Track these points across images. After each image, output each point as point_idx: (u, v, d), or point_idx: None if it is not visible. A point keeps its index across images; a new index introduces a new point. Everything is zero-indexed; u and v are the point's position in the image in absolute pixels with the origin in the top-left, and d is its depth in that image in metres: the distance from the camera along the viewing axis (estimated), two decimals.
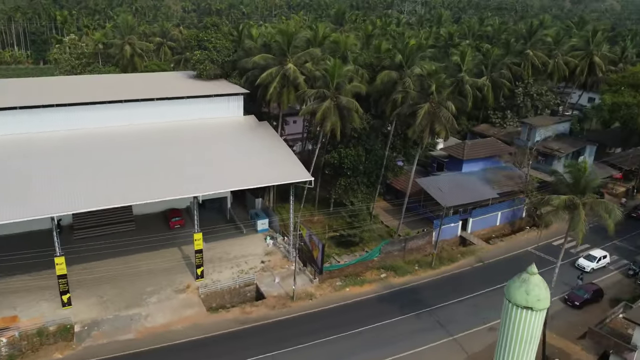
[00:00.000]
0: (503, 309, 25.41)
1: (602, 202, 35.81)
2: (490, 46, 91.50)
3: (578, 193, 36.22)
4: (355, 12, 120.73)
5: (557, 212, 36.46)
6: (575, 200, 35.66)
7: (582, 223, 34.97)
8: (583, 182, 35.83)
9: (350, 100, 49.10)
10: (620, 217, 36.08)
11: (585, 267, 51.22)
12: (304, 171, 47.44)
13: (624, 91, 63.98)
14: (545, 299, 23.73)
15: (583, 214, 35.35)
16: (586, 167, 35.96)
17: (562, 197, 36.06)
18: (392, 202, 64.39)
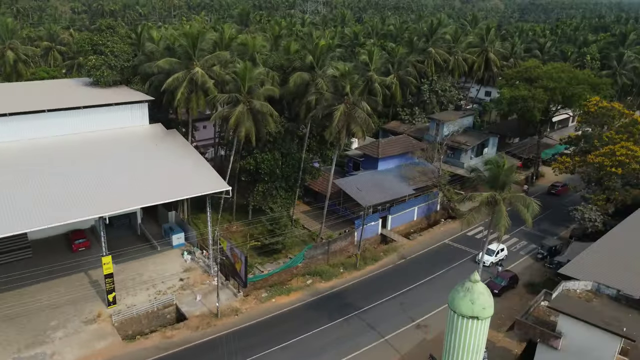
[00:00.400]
0: (447, 320, 24.62)
1: (521, 197, 37.24)
2: (394, 45, 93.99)
3: (498, 188, 37.42)
4: (260, 12, 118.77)
5: (480, 209, 37.25)
6: (497, 197, 36.75)
7: (504, 218, 36.02)
8: (502, 178, 37.01)
9: (263, 104, 47.41)
10: (537, 210, 37.63)
11: (484, 262, 50.33)
12: (219, 180, 45.02)
13: (520, 85, 68.04)
14: (490, 306, 23.14)
15: (504, 210, 36.52)
16: (505, 162, 37.15)
17: (484, 194, 37.00)
18: (312, 205, 63.64)
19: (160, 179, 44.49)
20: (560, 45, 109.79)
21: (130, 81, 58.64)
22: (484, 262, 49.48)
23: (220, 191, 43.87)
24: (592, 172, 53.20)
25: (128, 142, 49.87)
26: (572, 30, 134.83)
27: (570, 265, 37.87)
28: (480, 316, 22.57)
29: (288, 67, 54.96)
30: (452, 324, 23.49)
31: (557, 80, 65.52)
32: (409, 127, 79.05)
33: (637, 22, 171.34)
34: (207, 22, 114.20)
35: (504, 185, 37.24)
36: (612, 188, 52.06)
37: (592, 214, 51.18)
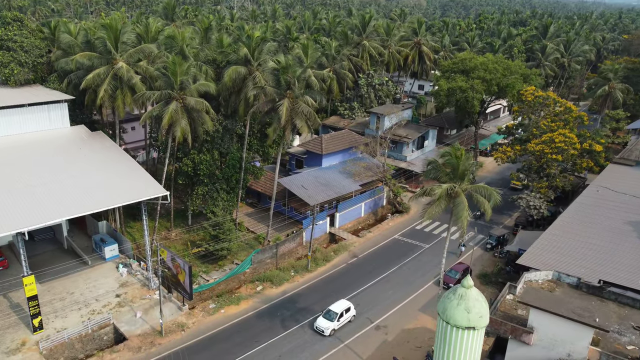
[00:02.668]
0: (438, 331, 22.16)
1: (482, 187, 36.17)
2: (328, 39, 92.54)
3: (457, 179, 36.18)
4: (186, 7, 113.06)
5: (439, 202, 35.75)
6: (457, 188, 35.54)
7: (465, 211, 34.77)
8: (462, 168, 35.80)
9: (198, 101, 43.77)
10: (499, 201, 36.77)
11: (323, 330, 39.04)
12: (155, 185, 40.99)
13: (457, 76, 68.39)
14: (487, 314, 20.89)
15: (465, 201, 35.31)
16: (463, 152, 35.97)
17: (444, 186, 35.62)
18: (256, 206, 60.56)
19: (87, 186, 39.79)
20: (485, 38, 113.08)
21: (45, 79, 52.78)
22: (322, 331, 38.91)
23: (156, 197, 39.90)
24: (534, 160, 53.98)
25: (47, 147, 44.52)
26: (495, 24, 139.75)
27: (527, 256, 37.54)
28: (477, 326, 20.12)
29: (222, 61, 51.44)
30: (445, 336, 20.89)
31: (493, 72, 66.42)
32: (349, 122, 77.70)
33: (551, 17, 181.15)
34: (129, 19, 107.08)
35: (463, 175, 36.10)
36: (552, 175, 53.05)
37: (536, 202, 51.90)
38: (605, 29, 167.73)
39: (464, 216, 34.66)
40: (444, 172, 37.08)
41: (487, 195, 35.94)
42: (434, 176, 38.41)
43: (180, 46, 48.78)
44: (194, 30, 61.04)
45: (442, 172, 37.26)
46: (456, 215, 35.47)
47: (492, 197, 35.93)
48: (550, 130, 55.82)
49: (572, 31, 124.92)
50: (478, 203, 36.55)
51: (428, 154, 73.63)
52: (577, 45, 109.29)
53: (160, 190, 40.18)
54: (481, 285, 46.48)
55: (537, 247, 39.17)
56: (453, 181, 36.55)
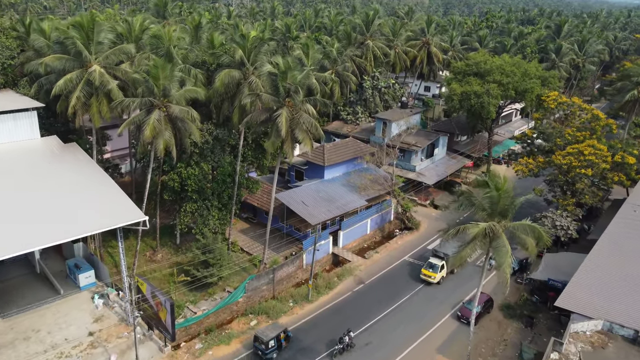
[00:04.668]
0: None
1: (530, 226, 30.08)
2: (330, 38, 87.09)
3: (497, 216, 30.01)
4: (180, 4, 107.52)
5: (474, 244, 29.69)
6: (496, 228, 29.18)
7: (509, 257, 28.57)
8: (503, 203, 29.81)
9: (184, 109, 38.30)
10: (549, 243, 30.60)
11: None
12: (132, 208, 35.53)
13: (471, 79, 62.93)
14: None
15: (508, 246, 29.00)
16: (505, 182, 30.27)
17: (481, 226, 29.33)
18: (251, 221, 55.24)
19: (55, 210, 34.37)
20: (495, 37, 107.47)
21: (16, 83, 47.43)
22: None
23: (134, 222, 34.45)
24: (560, 174, 48.47)
25: (11, 163, 39.06)
26: (504, 22, 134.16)
27: (567, 297, 31.98)
28: None
29: (213, 64, 46.02)
30: None
31: (510, 75, 60.96)
32: (353, 127, 72.28)
33: (559, 15, 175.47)
34: (122, 15, 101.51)
35: (505, 211, 30.06)
36: (581, 191, 47.58)
37: (564, 221, 46.43)
38: (616, 27, 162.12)
39: (506, 263, 28.38)
40: (480, 207, 30.94)
41: (534, 235, 29.51)
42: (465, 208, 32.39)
43: (167, 47, 43.25)
44: (184, 29, 55.53)
45: (478, 207, 31.13)
46: (497, 262, 29.21)
47: (540, 238, 29.57)
48: (576, 141, 50.39)
49: (585, 30, 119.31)
50: (520, 244, 30.24)
51: (438, 162, 68.23)
52: (591, 45, 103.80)
53: (138, 215, 34.72)
54: (504, 319, 41.09)
55: (576, 284, 33.60)
56: (491, 217, 30.31)
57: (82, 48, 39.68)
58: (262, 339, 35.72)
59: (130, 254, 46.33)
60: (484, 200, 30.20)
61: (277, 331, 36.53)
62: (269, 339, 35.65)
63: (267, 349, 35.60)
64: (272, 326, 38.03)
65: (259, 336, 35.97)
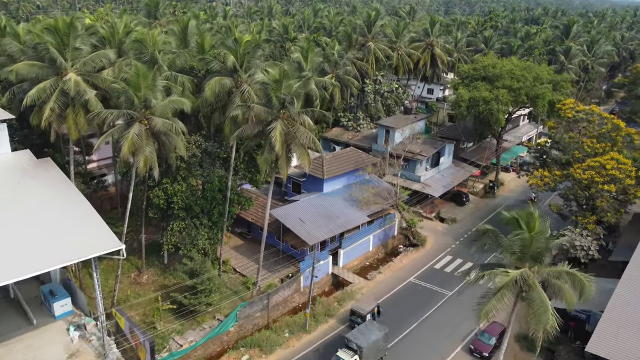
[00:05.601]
0: None
1: (569, 273, 25.97)
2: (329, 39, 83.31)
3: (528, 261, 25.83)
4: (174, 3, 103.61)
5: (502, 295, 25.40)
6: (529, 278, 24.46)
7: (548, 314, 23.94)
8: (536, 245, 25.60)
9: (167, 122, 34.53)
10: (593, 294, 26.21)
11: None
12: (108, 235, 31.71)
13: (479, 84, 59.16)
14: None
15: (546, 300, 24.44)
16: (537, 220, 26.11)
17: (512, 274, 25.01)
18: (245, 237, 51.62)
19: (20, 238, 30.57)
20: (501, 38, 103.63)
21: None
22: None
23: (110, 252, 30.67)
24: (579, 190, 44.70)
25: None
26: (509, 22, 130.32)
27: (599, 340, 28.18)
28: None
29: (201, 70, 42.28)
30: None
31: (522, 80, 57.19)
32: (354, 134, 68.48)
33: (564, 15, 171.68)
34: (114, 15, 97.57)
35: (539, 255, 25.92)
36: (603, 208, 43.81)
37: (584, 241, 42.69)
38: (622, 27, 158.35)
39: (543, 320, 23.48)
40: (509, 249, 26.58)
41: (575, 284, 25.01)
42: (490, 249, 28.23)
43: (151, 52, 39.43)
44: (171, 31, 51.67)
45: (506, 249, 26.73)
46: (535, 319, 24.53)
47: (583, 289, 24.82)
48: (595, 153, 46.65)
49: (593, 30, 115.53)
50: (556, 293, 25.71)
51: (444, 172, 64.46)
52: (600, 46, 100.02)
53: (114, 243, 30.93)
54: (521, 352, 37.37)
55: (609, 322, 29.75)
56: (521, 262, 25.96)
57: (57, 54, 35.93)
58: (359, 313, 39.27)
59: (113, 276, 42.76)
60: (513, 242, 25.81)
61: (372, 306, 40.35)
62: (366, 313, 39.10)
63: (364, 321, 38.25)
64: (367, 301, 41.86)
65: (356, 310, 39.58)
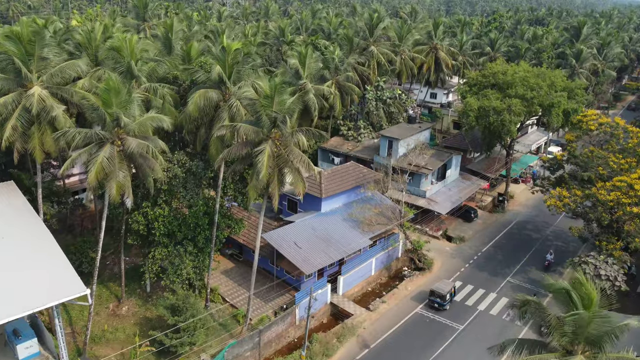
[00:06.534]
0: None
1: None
2: (328, 42, 79.12)
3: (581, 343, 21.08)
4: (165, 4, 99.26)
5: None
6: None
7: None
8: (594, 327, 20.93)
9: (142, 143, 30.32)
10: None
11: None
12: (71, 277, 27.45)
13: (489, 93, 54.95)
14: None
15: None
16: (594, 294, 21.49)
17: None
18: (237, 259, 47.60)
19: None
20: (507, 40, 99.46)
21: None
22: None
23: (72, 298, 26.42)
24: (604, 212, 40.47)
25: None
26: (514, 23, 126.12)
27: None
28: None
29: (185, 81, 38.08)
30: None
31: (535, 88, 52.99)
32: (354, 145, 64.20)
33: (569, 15, 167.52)
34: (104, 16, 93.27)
35: (598, 341, 21.06)
36: (631, 233, 39.60)
37: (610, 270, 38.51)
38: (629, 28, 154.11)
39: None
40: (558, 330, 21.74)
41: None
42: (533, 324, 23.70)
43: (127, 62, 35.15)
44: (155, 36, 47.46)
45: (554, 328, 21.89)
46: None
47: None
48: (620, 169, 42.51)
49: (602, 32, 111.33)
50: None
51: (451, 186, 60.26)
52: (612, 48, 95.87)
53: (77, 287, 26.64)
54: None
55: None
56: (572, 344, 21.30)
57: (20, 65, 31.70)
58: (439, 293, 42.12)
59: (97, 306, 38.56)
60: (566, 323, 21.02)
61: (449, 286, 42.92)
62: (445, 293, 41.97)
63: (444, 301, 41.91)
64: (444, 282, 44.04)
65: (436, 290, 42.37)
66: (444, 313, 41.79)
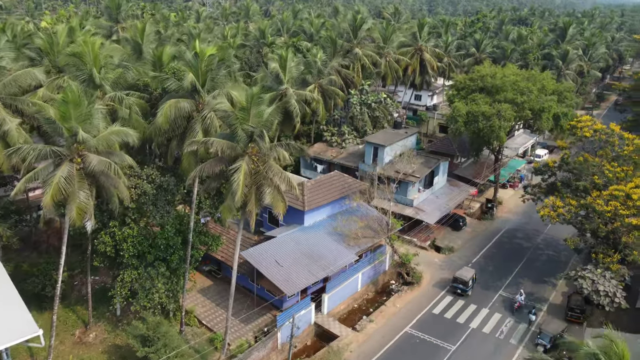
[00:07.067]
0: None
1: None
2: (310, 44, 76.60)
3: None
4: (142, 5, 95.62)
5: None
6: None
7: None
8: None
9: (104, 161, 27.42)
10: None
11: None
12: (23, 317, 24.47)
13: (477, 97, 52.94)
14: None
15: None
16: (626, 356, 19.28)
17: None
18: (215, 275, 44.96)
19: None
20: (492, 40, 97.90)
21: None
22: None
23: (23, 340, 23.45)
24: (601, 223, 38.53)
25: None
26: (498, 23, 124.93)
27: None
28: None
29: (156, 89, 35.20)
30: None
31: (526, 92, 51.12)
32: (338, 151, 61.69)
33: (551, 15, 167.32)
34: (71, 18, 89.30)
35: None
36: (628, 245, 37.78)
37: (608, 285, 36.59)
38: (612, 28, 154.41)
39: None
40: None
41: None
42: None
43: (89, 69, 32.14)
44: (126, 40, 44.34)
45: None
46: None
47: None
48: (617, 177, 40.71)
49: (587, 32, 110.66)
50: None
51: (439, 193, 58.14)
52: (597, 48, 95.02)
53: (29, 328, 23.68)
54: None
55: None
56: None
57: None
58: (462, 280, 43.88)
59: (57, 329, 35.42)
60: None
61: (471, 273, 44.73)
62: (468, 279, 43.72)
63: (467, 286, 43.71)
64: (466, 269, 45.81)
65: (459, 277, 44.08)
66: (434, 332, 39.48)
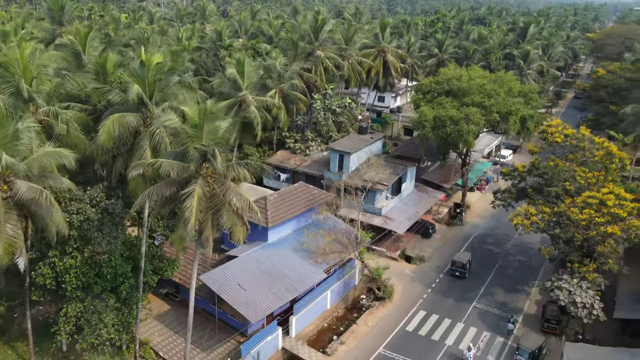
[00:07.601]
0: None
1: None
2: (269, 46, 73.72)
3: None
4: (89, 5, 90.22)
5: None
6: None
7: None
8: None
9: (35, 188, 23.93)
10: None
11: None
12: None
13: (444, 100, 51.35)
14: None
15: None
16: None
17: None
18: (173, 299, 41.67)
19: None
20: (453, 41, 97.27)
21: None
22: None
23: None
24: (576, 232, 37.26)
25: None
26: (458, 23, 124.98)
27: None
28: None
29: (100, 101, 31.69)
30: None
31: (493, 95, 49.83)
32: (302, 159, 59.07)
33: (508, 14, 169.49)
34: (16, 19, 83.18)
35: None
36: (604, 253, 36.66)
37: (585, 296, 35.33)
38: (566, 27, 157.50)
39: None
40: None
41: None
42: None
43: (17, 81, 28.37)
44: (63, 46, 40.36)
45: None
46: None
47: None
48: (588, 183, 39.65)
49: (544, 31, 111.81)
50: None
51: (407, 200, 56.33)
52: (556, 47, 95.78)
53: None
54: None
55: None
56: None
57: None
58: (460, 263, 46.77)
59: None
60: None
61: (467, 256, 47.83)
62: (465, 262, 46.71)
63: (465, 269, 46.63)
64: (463, 253, 49.17)
65: (457, 261, 47.10)
66: (409, 352, 37.41)
